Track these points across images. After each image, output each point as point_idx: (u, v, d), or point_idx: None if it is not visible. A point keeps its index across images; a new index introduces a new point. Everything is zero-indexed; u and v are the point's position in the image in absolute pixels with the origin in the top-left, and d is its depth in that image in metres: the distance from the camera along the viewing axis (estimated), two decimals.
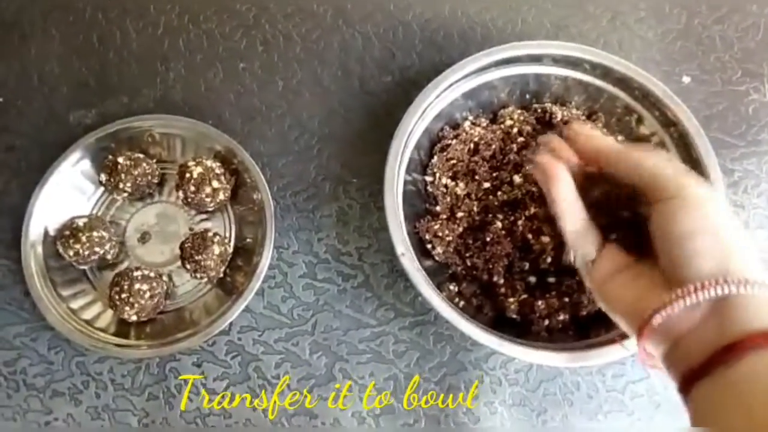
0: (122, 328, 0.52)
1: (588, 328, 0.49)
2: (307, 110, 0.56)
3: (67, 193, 0.53)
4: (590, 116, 0.54)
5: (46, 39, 0.58)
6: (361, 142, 0.56)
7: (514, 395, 0.51)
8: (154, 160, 0.54)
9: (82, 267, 0.53)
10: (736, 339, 0.30)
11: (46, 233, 0.52)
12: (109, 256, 0.52)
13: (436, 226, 0.50)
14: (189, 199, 0.52)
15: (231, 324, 0.51)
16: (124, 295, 0.49)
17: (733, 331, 0.30)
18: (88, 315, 0.52)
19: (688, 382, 0.32)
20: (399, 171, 0.48)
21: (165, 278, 0.53)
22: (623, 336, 0.46)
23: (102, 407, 0.51)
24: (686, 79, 0.57)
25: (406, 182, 0.50)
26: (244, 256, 0.53)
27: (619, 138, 0.53)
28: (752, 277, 0.31)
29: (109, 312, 0.52)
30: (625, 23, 0.58)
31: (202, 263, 0.50)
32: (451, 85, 0.51)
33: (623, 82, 0.52)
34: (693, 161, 0.50)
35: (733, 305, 0.31)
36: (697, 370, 0.31)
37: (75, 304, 0.52)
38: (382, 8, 0.58)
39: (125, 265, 0.54)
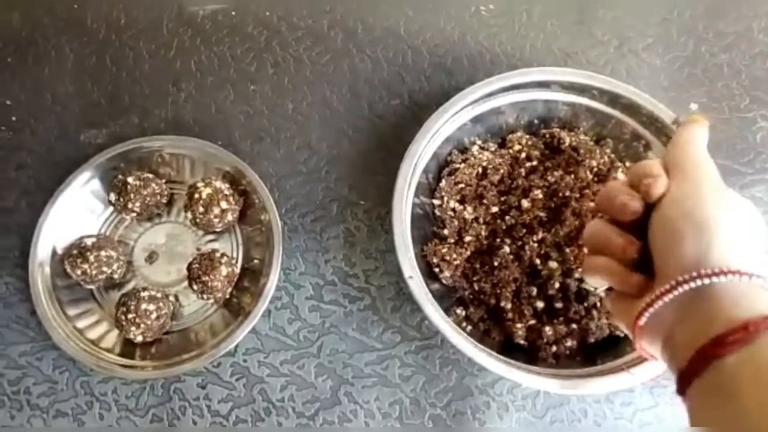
0: (127, 348, 0.52)
1: (595, 355, 0.49)
2: (316, 132, 0.57)
3: (76, 212, 0.54)
4: (598, 141, 0.54)
5: (59, 59, 0.59)
6: (369, 165, 0.56)
7: (521, 421, 0.51)
8: (164, 180, 0.55)
9: (89, 286, 0.53)
10: (713, 336, 0.29)
11: (54, 252, 0.53)
12: (116, 276, 0.52)
13: (444, 250, 0.50)
14: (197, 220, 0.52)
15: (236, 345, 0.51)
16: (130, 316, 0.49)
17: (708, 329, 0.30)
18: (93, 335, 0.52)
19: (682, 384, 0.31)
20: (407, 194, 0.48)
21: (171, 298, 0.53)
22: (631, 364, 0.46)
23: (105, 428, 0.51)
24: (694, 106, 0.57)
25: (414, 205, 0.50)
26: (251, 277, 0.53)
27: (627, 164, 0.53)
28: (729, 266, 0.30)
29: (115, 332, 0.52)
30: (632, 50, 0.58)
31: (209, 284, 0.50)
32: (460, 109, 0.51)
33: (631, 108, 0.52)
34: None
35: (707, 298, 0.30)
36: (686, 372, 0.30)
37: (81, 324, 0.52)
38: (392, 33, 0.58)
39: (132, 284, 0.54)
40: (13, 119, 0.57)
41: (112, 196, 0.53)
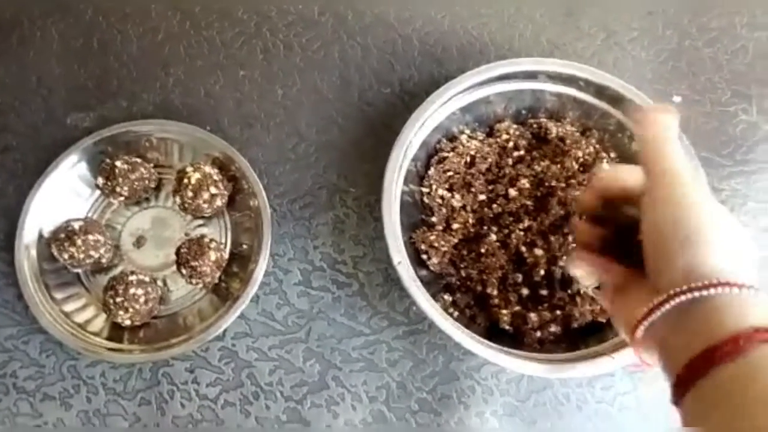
0: (115, 332, 0.52)
1: (578, 340, 0.50)
2: (306, 119, 0.57)
3: (62, 195, 0.53)
4: (584, 132, 0.55)
5: (45, 41, 0.58)
6: (358, 152, 0.56)
7: (505, 405, 0.52)
8: (152, 165, 0.54)
9: (76, 270, 0.53)
10: (703, 348, 0.29)
11: (40, 235, 0.52)
12: (104, 260, 0.52)
13: (432, 237, 0.51)
14: (186, 205, 0.52)
15: (225, 330, 0.51)
16: (119, 300, 0.49)
17: (699, 341, 0.29)
18: (81, 318, 0.52)
19: (675, 394, 0.31)
20: (397, 182, 0.49)
21: (159, 283, 0.53)
22: (613, 349, 0.47)
23: (93, 412, 0.51)
24: (677, 99, 0.58)
25: (402, 193, 0.51)
26: (239, 262, 0.53)
27: (612, 155, 0.54)
28: (720, 278, 0.30)
29: (102, 316, 0.52)
30: (618, 43, 0.59)
31: (198, 269, 0.50)
32: (449, 99, 0.52)
33: (616, 99, 0.53)
34: None
35: (698, 309, 0.30)
36: (678, 383, 0.30)
37: (68, 308, 0.52)
38: (382, 21, 0.59)
39: (119, 269, 0.54)
40: None
41: (100, 180, 0.53)
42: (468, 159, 0.53)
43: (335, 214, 0.55)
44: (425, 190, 0.53)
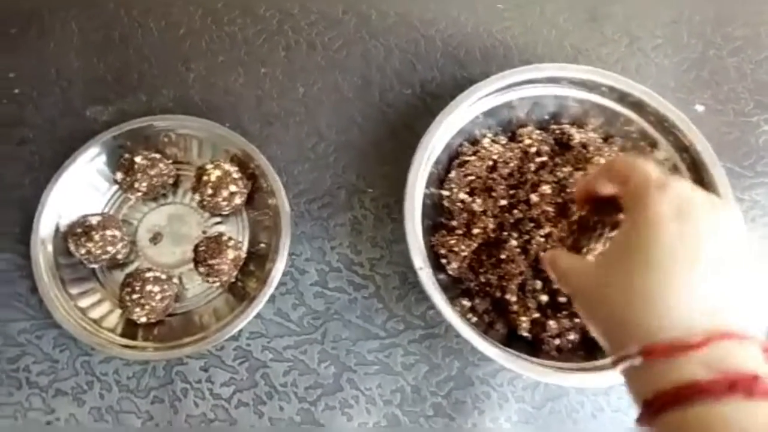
0: (130, 329, 0.51)
1: (596, 349, 0.50)
2: (326, 118, 0.57)
3: (80, 189, 0.53)
4: (606, 139, 0.55)
5: (65, 33, 0.57)
6: (377, 153, 0.56)
7: (520, 412, 0.52)
8: (170, 161, 0.54)
9: (92, 266, 0.52)
10: (650, 397, 0.28)
11: (57, 229, 0.52)
12: (120, 256, 0.52)
13: (452, 241, 0.50)
14: (205, 203, 0.51)
15: (240, 330, 0.51)
16: (135, 296, 0.49)
17: (646, 390, 0.29)
18: (95, 314, 0.51)
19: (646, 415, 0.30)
20: (419, 185, 0.49)
21: (175, 280, 0.52)
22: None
23: (106, 408, 0.51)
24: (699, 108, 0.58)
25: (422, 195, 0.51)
26: (256, 261, 0.53)
27: None
28: (675, 335, 0.28)
29: (117, 312, 0.52)
30: (642, 49, 0.59)
31: (216, 267, 0.50)
32: (473, 102, 0.51)
33: (640, 106, 0.53)
34: (706, 187, 0.51)
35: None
36: (651, 405, 0.29)
37: (83, 303, 0.51)
38: (405, 21, 0.58)
39: (135, 265, 0.53)
40: (16, 92, 0.56)
41: (119, 175, 0.52)
42: (490, 163, 0.52)
43: (353, 215, 0.55)
44: (446, 193, 0.52)
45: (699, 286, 0.29)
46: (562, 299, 0.50)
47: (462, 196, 0.52)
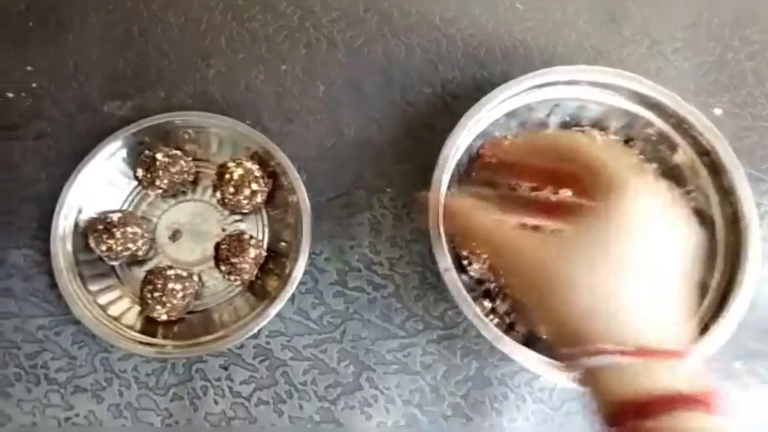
0: (149, 326, 0.51)
1: None
2: (346, 116, 0.56)
3: (99, 185, 0.53)
4: (626, 142, 0.55)
5: (84, 26, 0.57)
6: (397, 152, 0.56)
7: (538, 413, 0.52)
8: (190, 158, 0.54)
9: (112, 263, 0.52)
10: (629, 399, 0.28)
11: (76, 225, 0.51)
12: (140, 253, 0.52)
13: (474, 243, 0.50)
14: (226, 200, 0.51)
15: (260, 328, 0.51)
16: (156, 294, 0.49)
17: (625, 391, 0.29)
18: (115, 311, 0.51)
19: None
20: (443, 187, 0.48)
21: (195, 278, 0.52)
22: None
23: (124, 405, 0.51)
24: (717, 111, 0.58)
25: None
26: (276, 260, 0.53)
27: (654, 165, 0.54)
28: (609, 346, 0.28)
29: (136, 309, 0.52)
30: (662, 52, 0.59)
31: (238, 266, 0.50)
32: (498, 104, 0.51)
33: (660, 109, 0.53)
34: (726, 191, 0.51)
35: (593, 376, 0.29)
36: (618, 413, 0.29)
37: (102, 300, 0.51)
38: (427, 20, 0.58)
39: (154, 262, 0.53)
40: (33, 86, 0.56)
41: (140, 172, 0.52)
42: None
43: (372, 215, 0.55)
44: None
45: (677, 294, 0.29)
46: None
47: None
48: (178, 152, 0.52)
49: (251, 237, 0.51)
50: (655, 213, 0.29)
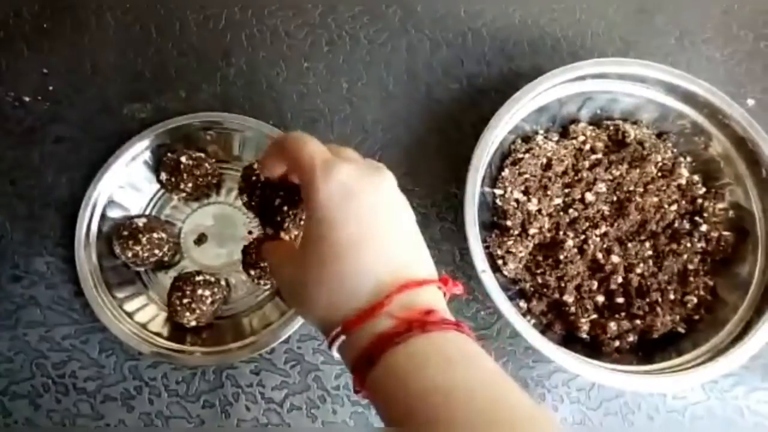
0: (177, 333, 0.50)
1: (654, 350, 0.49)
2: (371, 114, 0.55)
3: (121, 189, 0.51)
4: (660, 135, 0.54)
5: (101, 27, 0.55)
6: (424, 150, 0.55)
7: (575, 413, 0.51)
8: (213, 160, 0.52)
9: (138, 269, 0.51)
10: (352, 363, 0.30)
11: (99, 231, 0.50)
12: (166, 258, 0.50)
13: (510, 242, 0.49)
14: (254, 203, 0.50)
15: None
16: (185, 301, 0.48)
17: (351, 359, 0.30)
18: (142, 318, 0.50)
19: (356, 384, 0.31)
20: (477, 186, 0.47)
21: (223, 282, 0.51)
22: (693, 364, 0.46)
23: (155, 414, 0.50)
24: (750, 102, 0.57)
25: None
26: None
27: (688, 159, 0.53)
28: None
29: (163, 315, 0.51)
30: (693, 42, 0.58)
31: (269, 270, 0.48)
32: (531, 99, 0.50)
33: (693, 100, 0.52)
34: (765, 183, 0.50)
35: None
36: (355, 370, 0.30)
37: (129, 307, 0.50)
38: (452, 13, 0.56)
39: (180, 267, 0.52)
40: (51, 89, 0.54)
41: (163, 176, 0.51)
42: (544, 161, 0.51)
43: None
44: (499, 192, 0.51)
45: (378, 253, 0.30)
46: (620, 300, 0.49)
47: (517, 195, 0.51)
48: (202, 154, 0.51)
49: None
50: (347, 186, 0.30)
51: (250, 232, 0.53)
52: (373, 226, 0.31)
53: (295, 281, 0.32)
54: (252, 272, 0.50)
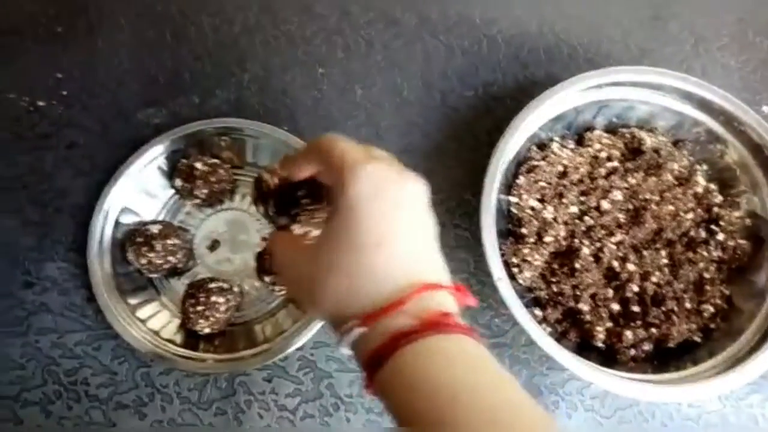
0: (190, 339, 0.50)
1: (669, 359, 0.49)
2: (386, 121, 0.55)
3: (135, 195, 0.51)
4: (676, 143, 0.54)
5: (114, 31, 0.55)
6: (439, 157, 0.55)
7: (589, 421, 0.51)
8: (228, 166, 0.52)
9: (152, 275, 0.50)
10: (367, 357, 0.30)
11: (113, 237, 0.50)
12: (180, 265, 0.50)
13: (525, 250, 0.49)
14: (270, 212, 0.49)
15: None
16: (200, 308, 0.47)
17: (366, 354, 0.30)
18: (155, 325, 0.50)
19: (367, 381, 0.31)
20: (493, 193, 0.47)
21: (236, 289, 0.51)
22: (710, 374, 0.46)
23: (168, 421, 0.49)
24: (766, 109, 0.57)
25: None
26: None
27: (704, 167, 0.53)
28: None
29: (175, 322, 0.50)
30: (707, 49, 0.58)
31: (275, 261, 0.48)
32: (549, 106, 0.50)
33: (708, 107, 0.52)
34: None
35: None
36: (367, 367, 0.31)
37: (142, 314, 0.50)
38: (467, 20, 0.56)
39: (193, 273, 0.52)
40: (64, 93, 0.54)
41: (178, 182, 0.50)
42: (560, 169, 0.51)
43: None
44: (514, 199, 0.51)
45: (400, 253, 0.31)
46: (635, 308, 0.49)
47: (532, 203, 0.50)
48: (217, 161, 0.51)
49: None
50: (378, 185, 0.31)
51: (264, 239, 0.52)
52: (398, 225, 0.31)
53: (308, 272, 0.32)
54: (267, 279, 0.49)
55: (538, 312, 0.49)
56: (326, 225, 0.33)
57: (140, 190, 0.51)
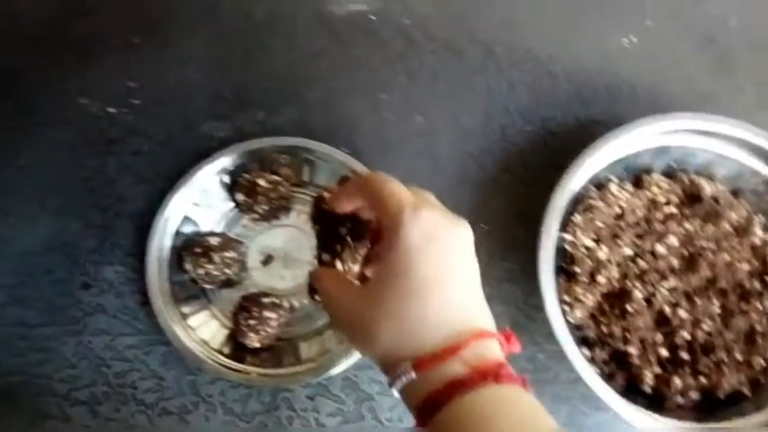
0: (238, 351, 0.50)
1: (714, 409, 0.48)
2: (444, 150, 0.56)
3: (196, 206, 0.52)
4: (734, 192, 0.53)
5: (187, 45, 0.57)
6: (493, 189, 0.55)
7: None
8: (288, 184, 0.53)
9: (207, 286, 0.51)
10: (421, 403, 0.30)
11: (171, 246, 0.51)
12: (234, 277, 0.51)
13: (578, 289, 0.49)
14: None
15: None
16: (252, 322, 0.48)
17: (418, 399, 0.31)
18: (205, 334, 0.51)
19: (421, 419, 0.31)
20: (554, 232, 0.47)
21: (286, 304, 0.51)
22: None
23: (210, 431, 0.50)
24: None
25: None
26: None
27: (762, 218, 0.53)
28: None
29: (224, 332, 0.51)
30: None
31: (320, 296, 0.49)
32: (611, 148, 0.50)
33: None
34: None
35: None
36: (424, 408, 0.31)
37: (193, 322, 0.51)
38: (531, 56, 0.57)
39: (244, 286, 0.53)
40: (135, 102, 0.56)
41: (239, 196, 0.51)
42: (618, 210, 0.51)
43: None
44: (568, 237, 0.51)
45: (453, 299, 0.31)
46: (684, 356, 0.49)
47: (587, 242, 0.50)
48: (278, 178, 0.52)
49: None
50: (431, 230, 0.32)
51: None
52: (452, 272, 0.32)
53: (359, 314, 0.33)
54: (317, 297, 0.50)
55: (585, 351, 0.49)
56: (378, 266, 0.34)
57: (201, 201, 0.53)
